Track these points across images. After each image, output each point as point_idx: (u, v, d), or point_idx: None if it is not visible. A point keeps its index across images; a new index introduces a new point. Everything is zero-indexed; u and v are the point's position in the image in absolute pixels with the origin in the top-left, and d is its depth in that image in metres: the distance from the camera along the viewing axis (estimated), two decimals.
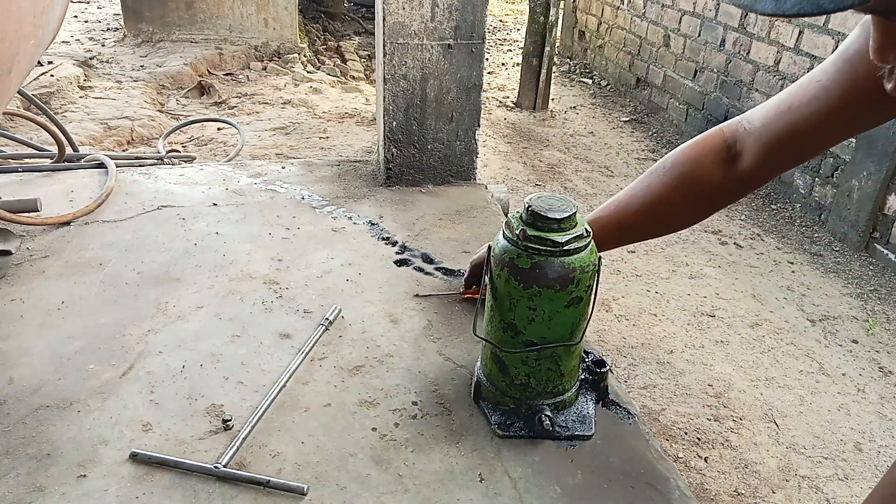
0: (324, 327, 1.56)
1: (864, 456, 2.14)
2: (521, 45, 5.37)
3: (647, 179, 1.25)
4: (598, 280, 1.23)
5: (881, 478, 0.99)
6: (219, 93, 4.76)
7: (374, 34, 2.44)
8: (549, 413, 1.27)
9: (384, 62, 2.17)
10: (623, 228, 1.29)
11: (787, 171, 1.28)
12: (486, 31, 2.20)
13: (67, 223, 1.97)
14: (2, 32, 1.26)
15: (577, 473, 1.22)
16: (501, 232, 1.24)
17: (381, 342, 1.55)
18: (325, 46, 6.35)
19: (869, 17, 0.61)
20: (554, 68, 5.59)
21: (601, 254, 1.23)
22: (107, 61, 5.04)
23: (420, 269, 1.86)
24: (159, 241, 1.92)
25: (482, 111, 2.36)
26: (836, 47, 3.40)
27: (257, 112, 4.48)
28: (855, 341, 2.70)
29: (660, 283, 3.00)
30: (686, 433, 2.18)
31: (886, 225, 3.23)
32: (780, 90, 4.01)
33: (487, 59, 6.57)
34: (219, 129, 4.11)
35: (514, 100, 5.41)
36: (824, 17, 3.45)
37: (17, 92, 2.14)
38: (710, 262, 3.22)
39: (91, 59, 4.99)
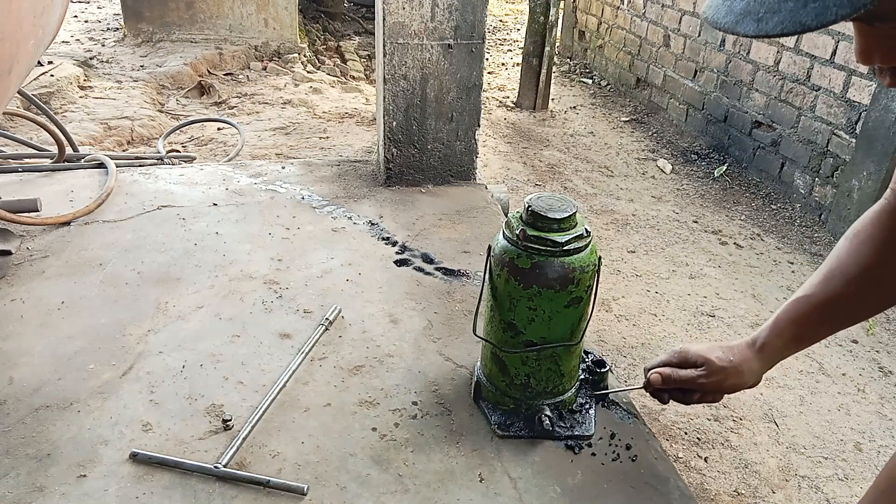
0: (324, 327, 1.56)
1: (864, 456, 2.14)
2: (521, 45, 5.37)
3: (836, 254, 1.13)
4: (598, 280, 1.23)
5: (879, 473, 0.99)
6: (219, 93, 4.76)
7: (374, 34, 2.44)
8: (549, 413, 1.27)
9: (384, 62, 2.17)
10: (832, 305, 1.12)
11: None
12: (486, 31, 2.20)
13: (67, 223, 1.97)
14: (2, 32, 1.26)
15: (577, 473, 1.22)
16: (501, 232, 1.24)
17: (381, 342, 1.55)
18: (325, 46, 6.35)
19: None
20: (554, 68, 5.59)
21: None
22: (107, 61, 5.04)
23: (420, 269, 1.86)
24: (159, 241, 1.92)
25: (482, 111, 2.36)
26: (836, 48, 3.41)
27: (257, 112, 4.48)
28: (855, 341, 2.70)
29: (660, 283, 3.00)
30: (686, 433, 2.18)
31: None
32: (780, 90, 3.98)
33: (487, 59, 6.57)
34: (219, 129, 4.11)
35: (514, 100, 5.41)
36: None
37: (17, 92, 2.14)
38: (710, 262, 3.22)
39: (91, 59, 4.99)
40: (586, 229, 1.19)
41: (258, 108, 4.56)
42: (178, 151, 3.46)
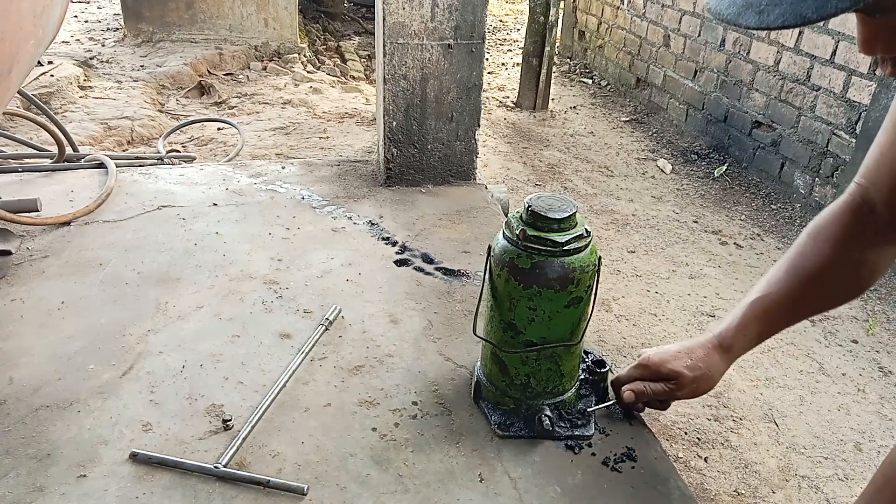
0: (324, 327, 1.56)
1: (864, 456, 2.14)
2: (521, 45, 5.37)
3: (798, 251, 1.14)
4: (598, 280, 1.23)
5: (875, 470, 1.00)
6: (219, 93, 4.76)
7: (374, 34, 2.44)
8: (549, 413, 1.27)
9: (384, 62, 2.17)
10: (794, 303, 1.14)
11: None
12: (486, 31, 2.20)
13: (67, 223, 1.97)
14: (2, 32, 1.26)
15: (577, 473, 1.22)
16: (501, 232, 1.24)
17: (381, 342, 1.55)
18: (325, 46, 6.35)
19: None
20: (554, 68, 5.59)
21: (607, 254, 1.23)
22: (107, 61, 5.04)
23: (420, 270, 1.86)
24: (159, 241, 1.92)
25: (482, 111, 2.36)
26: (837, 48, 3.40)
27: (257, 112, 4.48)
28: (855, 341, 2.70)
29: (660, 283, 3.00)
30: (686, 433, 2.18)
31: None
32: (780, 90, 3.98)
33: (487, 59, 6.57)
34: (219, 129, 4.11)
35: (514, 100, 5.41)
36: None
37: (17, 92, 2.14)
38: (710, 262, 3.21)
39: (91, 59, 4.99)
40: (586, 229, 1.19)
41: (258, 108, 4.56)
42: (178, 151, 3.46)
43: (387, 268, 1.86)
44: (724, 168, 4.21)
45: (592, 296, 1.24)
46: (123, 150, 3.71)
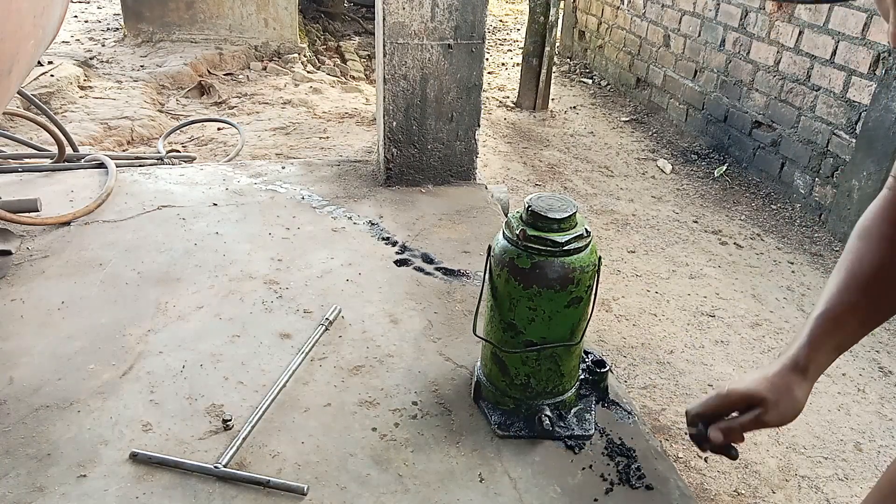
0: (324, 327, 1.56)
1: (864, 456, 2.14)
2: (521, 45, 5.37)
3: (852, 256, 1.09)
4: (598, 280, 1.23)
5: (880, 477, 0.98)
6: (219, 93, 4.76)
7: (374, 34, 2.44)
8: (549, 413, 1.27)
9: (384, 62, 2.17)
10: (861, 309, 1.08)
11: None
12: (486, 31, 2.20)
13: (67, 223, 1.97)
14: (2, 32, 1.26)
15: (577, 473, 1.22)
16: (501, 232, 1.24)
17: (381, 342, 1.55)
18: (325, 46, 6.35)
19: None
20: (554, 68, 5.59)
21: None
22: (107, 61, 5.04)
23: (420, 269, 1.86)
24: (159, 241, 1.92)
25: (482, 111, 2.36)
26: (837, 48, 3.40)
27: (257, 112, 4.48)
28: None
29: (660, 283, 3.00)
30: (686, 433, 2.18)
31: None
32: (780, 90, 3.98)
33: (487, 59, 6.57)
34: (219, 129, 4.11)
35: (514, 100, 5.41)
36: (824, 17, 3.46)
37: (17, 92, 2.14)
38: (710, 262, 3.21)
39: (91, 59, 4.99)
40: (586, 229, 1.19)
41: (258, 108, 4.56)
42: (178, 151, 3.46)
43: (387, 268, 1.86)
44: (724, 168, 4.21)
45: (592, 296, 1.24)
46: (123, 150, 3.71)
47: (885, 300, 1.08)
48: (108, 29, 6.01)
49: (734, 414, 1.09)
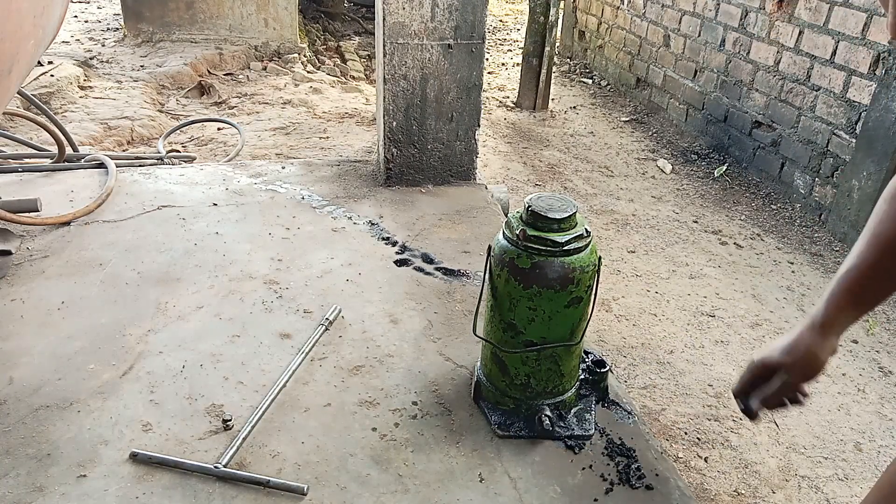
0: (324, 327, 1.56)
1: (864, 456, 2.14)
2: (521, 45, 5.37)
3: (878, 218, 1.10)
4: (598, 280, 1.23)
5: (880, 477, 0.99)
6: (219, 93, 4.76)
7: (374, 34, 2.44)
8: (549, 413, 1.27)
9: (384, 62, 2.17)
10: (884, 270, 1.09)
11: None
12: (486, 31, 2.20)
13: (67, 223, 1.97)
14: (2, 32, 1.26)
15: (577, 473, 1.22)
16: (501, 232, 1.24)
17: (381, 342, 1.55)
18: (325, 46, 6.35)
19: None
20: (554, 68, 5.59)
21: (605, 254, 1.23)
22: (107, 61, 5.04)
23: (420, 269, 1.86)
24: (159, 241, 1.92)
25: (482, 111, 2.36)
26: (836, 48, 3.40)
27: (257, 112, 4.48)
28: (855, 341, 2.70)
29: (660, 283, 3.00)
30: (686, 433, 2.18)
31: None
32: (780, 90, 3.98)
33: (487, 59, 6.57)
34: (219, 129, 4.11)
35: (514, 100, 5.41)
36: (824, 17, 3.46)
37: (18, 92, 2.15)
38: (710, 262, 3.21)
39: (91, 59, 4.99)
40: (586, 229, 1.19)
41: (258, 108, 4.56)
42: (178, 151, 3.46)
43: (387, 268, 1.86)
44: (724, 168, 4.21)
45: (592, 296, 1.24)
46: (123, 150, 3.71)
47: None
48: (108, 29, 6.01)
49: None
